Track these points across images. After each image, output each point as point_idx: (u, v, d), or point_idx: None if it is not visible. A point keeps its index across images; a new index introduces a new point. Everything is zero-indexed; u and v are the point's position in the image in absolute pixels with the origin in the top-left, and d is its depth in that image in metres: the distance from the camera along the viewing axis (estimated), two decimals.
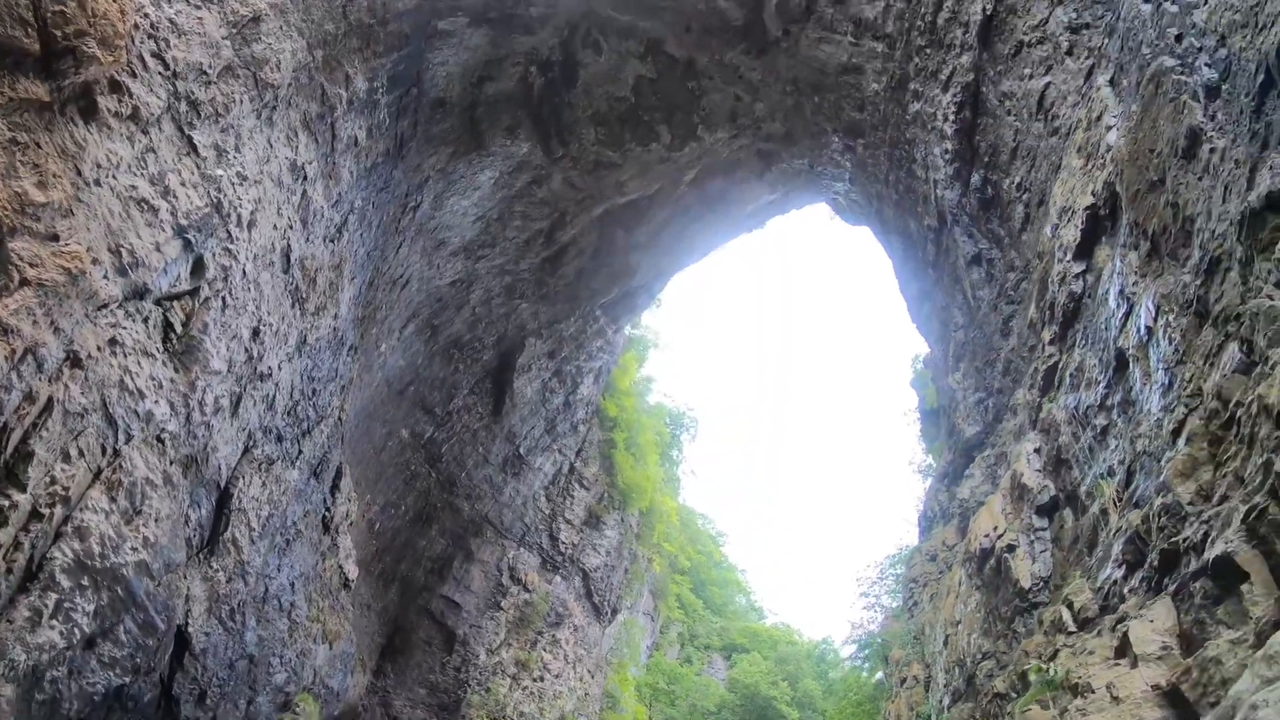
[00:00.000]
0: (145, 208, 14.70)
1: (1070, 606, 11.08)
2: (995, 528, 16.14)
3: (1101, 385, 12.33)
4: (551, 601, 47.12)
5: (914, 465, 44.50)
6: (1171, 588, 7.83)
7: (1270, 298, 7.12)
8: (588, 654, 50.21)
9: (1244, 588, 6.28)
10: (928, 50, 23.54)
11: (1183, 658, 7.24)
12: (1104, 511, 11.40)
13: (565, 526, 48.49)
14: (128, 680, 16.56)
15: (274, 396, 22.07)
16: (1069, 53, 17.13)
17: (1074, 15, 16.96)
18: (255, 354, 19.90)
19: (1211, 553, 6.76)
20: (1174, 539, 8.09)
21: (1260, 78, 7.74)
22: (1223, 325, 8.25)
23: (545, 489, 47.30)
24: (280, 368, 21.88)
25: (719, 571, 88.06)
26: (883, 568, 38.51)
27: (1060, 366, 15.01)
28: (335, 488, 30.21)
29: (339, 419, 28.87)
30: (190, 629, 19.92)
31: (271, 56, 17.94)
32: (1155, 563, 8.50)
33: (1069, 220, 15.16)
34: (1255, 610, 6.10)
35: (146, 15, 13.97)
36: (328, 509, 29.78)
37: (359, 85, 22.22)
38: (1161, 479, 8.58)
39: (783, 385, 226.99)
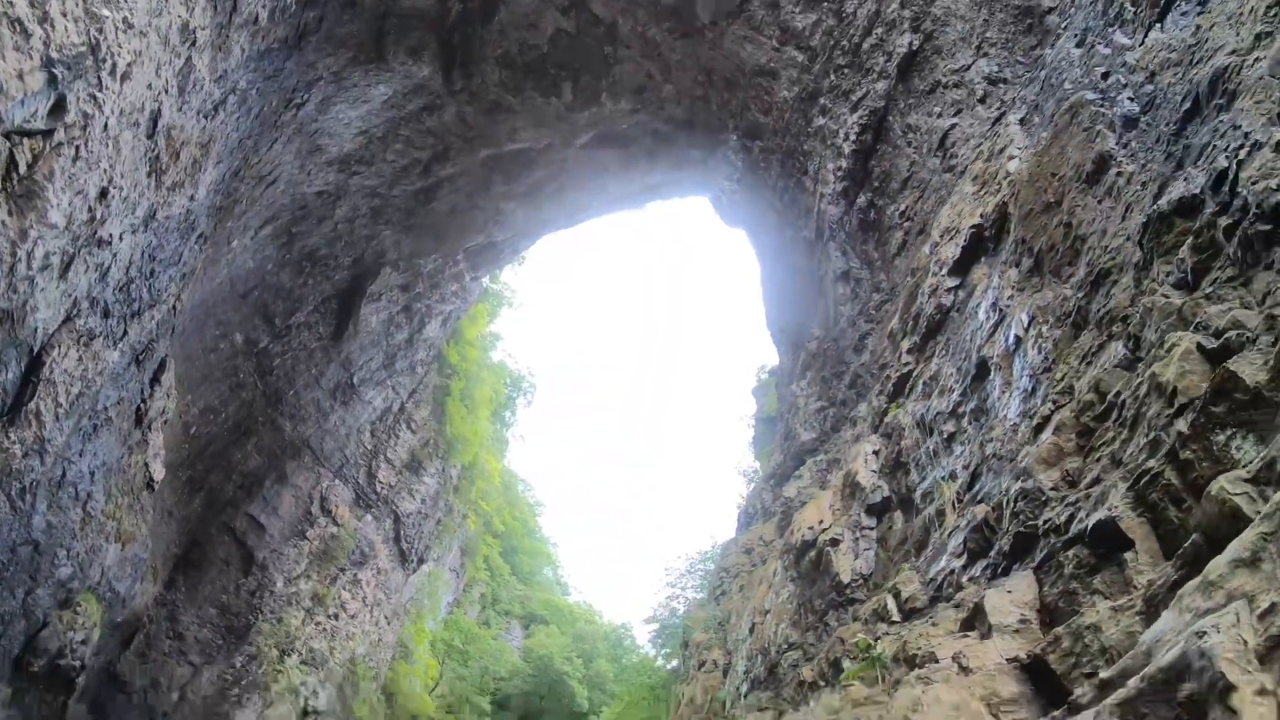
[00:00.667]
0: (18, 29, 13.52)
1: (897, 596, 11.18)
2: (821, 521, 16.37)
3: (956, 393, 12.72)
4: (359, 539, 46.09)
5: (741, 470, 45.75)
6: (1034, 563, 7.79)
7: (1165, 295, 7.38)
8: (387, 599, 49.40)
9: (1127, 556, 6.21)
10: (846, 70, 24.00)
11: (1043, 632, 7.15)
12: (940, 513, 11.68)
13: (385, 466, 47.49)
14: None
15: (109, 267, 20.58)
16: (981, 100, 17.84)
17: (995, 69, 17.66)
18: (99, 216, 18.49)
19: (1091, 520, 6.67)
20: (1031, 523, 8.12)
21: (1186, 105, 8.11)
22: (1106, 326, 8.55)
23: (372, 424, 46.15)
24: (122, 238, 20.40)
25: (531, 540, 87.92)
26: (693, 562, 39.19)
27: (914, 375, 15.50)
28: (156, 380, 28.53)
29: (173, 308, 27.25)
30: None
31: None
32: (1006, 548, 8.50)
33: (950, 239, 15.74)
34: (1141, 578, 6.01)
35: None
36: (143, 401, 28.10)
37: None
38: (1023, 466, 8.66)
39: (628, 371, 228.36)
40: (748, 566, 25.94)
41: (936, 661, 7.81)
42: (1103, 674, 5.36)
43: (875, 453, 15.86)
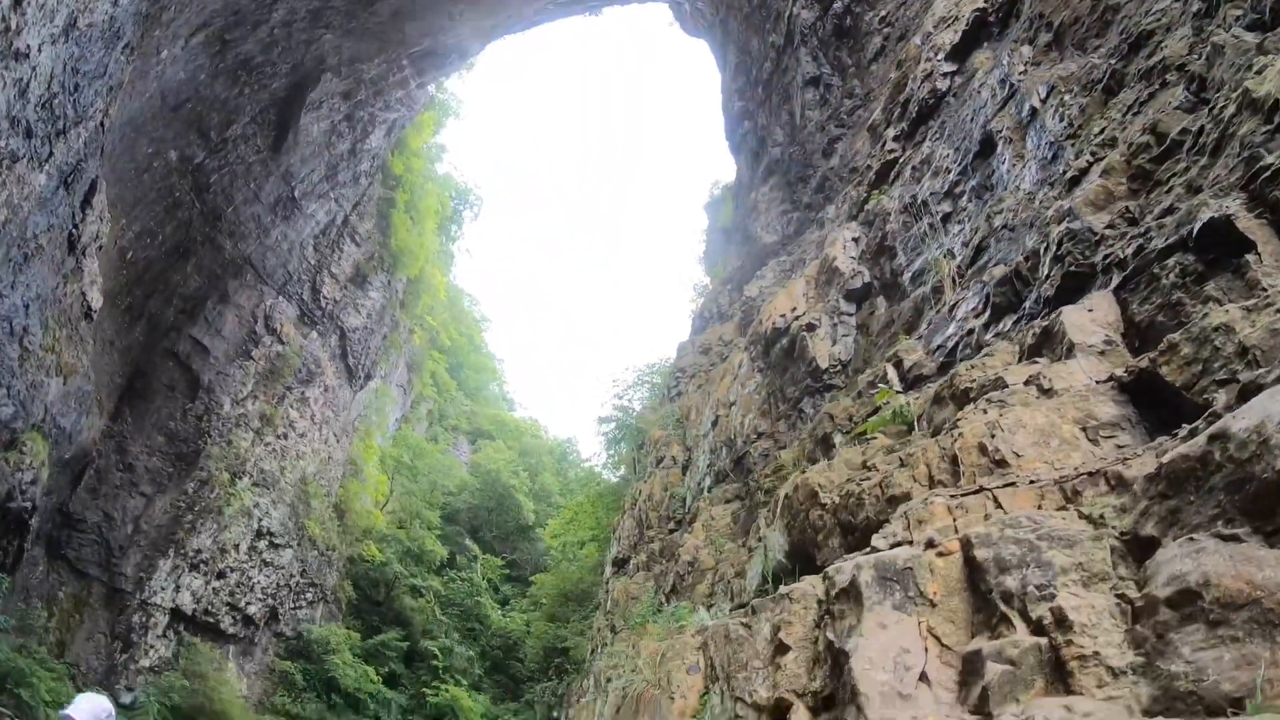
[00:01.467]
0: None
1: (899, 365, 10.46)
2: (794, 309, 15.61)
3: (954, 173, 11.98)
4: (305, 357, 45.12)
5: (693, 284, 45.35)
6: (1109, 287, 6.90)
7: (1237, 36, 6.61)
8: (335, 417, 48.90)
9: (1248, 258, 5.49)
10: None
11: (1131, 355, 6.34)
12: (937, 289, 11.02)
13: (329, 281, 46.06)
14: None
15: (29, 82, 18.64)
16: None
17: None
18: (13, 25, 16.58)
19: (1197, 224, 5.90)
20: (1087, 261, 7.38)
21: None
22: (1157, 76, 7.91)
23: (315, 238, 44.39)
24: (41, 50, 18.41)
25: (477, 356, 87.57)
26: (641, 374, 38.98)
27: (901, 162, 14.70)
28: (87, 203, 26.62)
29: (101, 125, 25.09)
30: None
31: None
32: (1049, 293, 7.68)
33: (948, 26, 14.77)
34: (1270, 279, 5.32)
35: None
36: (75, 226, 26.27)
37: None
38: (1067, 208, 7.85)
39: (579, 185, 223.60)
40: (705, 366, 25.39)
41: (1005, 387, 6.85)
42: (1244, 377, 4.76)
43: (855, 240, 15.08)
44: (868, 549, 6.27)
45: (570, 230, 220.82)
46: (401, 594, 52.95)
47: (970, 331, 9.27)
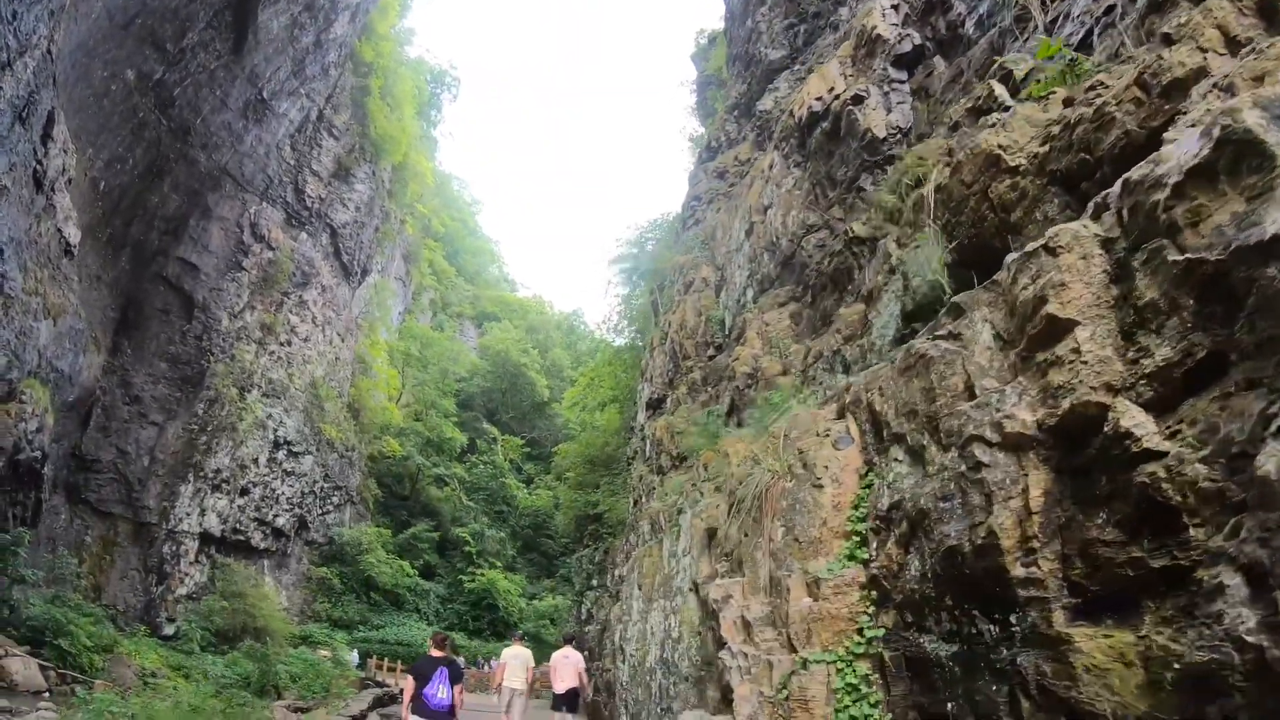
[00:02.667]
0: None
1: (1006, 79, 8.82)
2: (832, 89, 14.64)
3: None
4: (297, 260, 44.65)
5: (688, 136, 44.55)
6: None
7: None
8: (337, 316, 48.64)
9: None
10: None
11: None
12: (1020, 18, 9.77)
13: (312, 179, 45.17)
14: None
15: None
16: None
17: None
18: None
19: None
20: None
21: None
22: None
23: (291, 138, 43.28)
24: None
25: (473, 240, 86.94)
26: (643, 231, 38.41)
27: None
28: (47, 137, 25.77)
29: (48, 52, 24.03)
30: None
31: None
32: None
33: None
34: None
35: None
36: (39, 162, 25.49)
37: None
38: None
39: (558, 58, 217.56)
40: (723, 189, 24.83)
41: None
42: None
43: (894, 6, 13.98)
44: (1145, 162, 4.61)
45: (554, 104, 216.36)
46: (426, 485, 53.72)
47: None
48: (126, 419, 35.43)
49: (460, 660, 19.82)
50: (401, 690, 30.80)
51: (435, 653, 11.48)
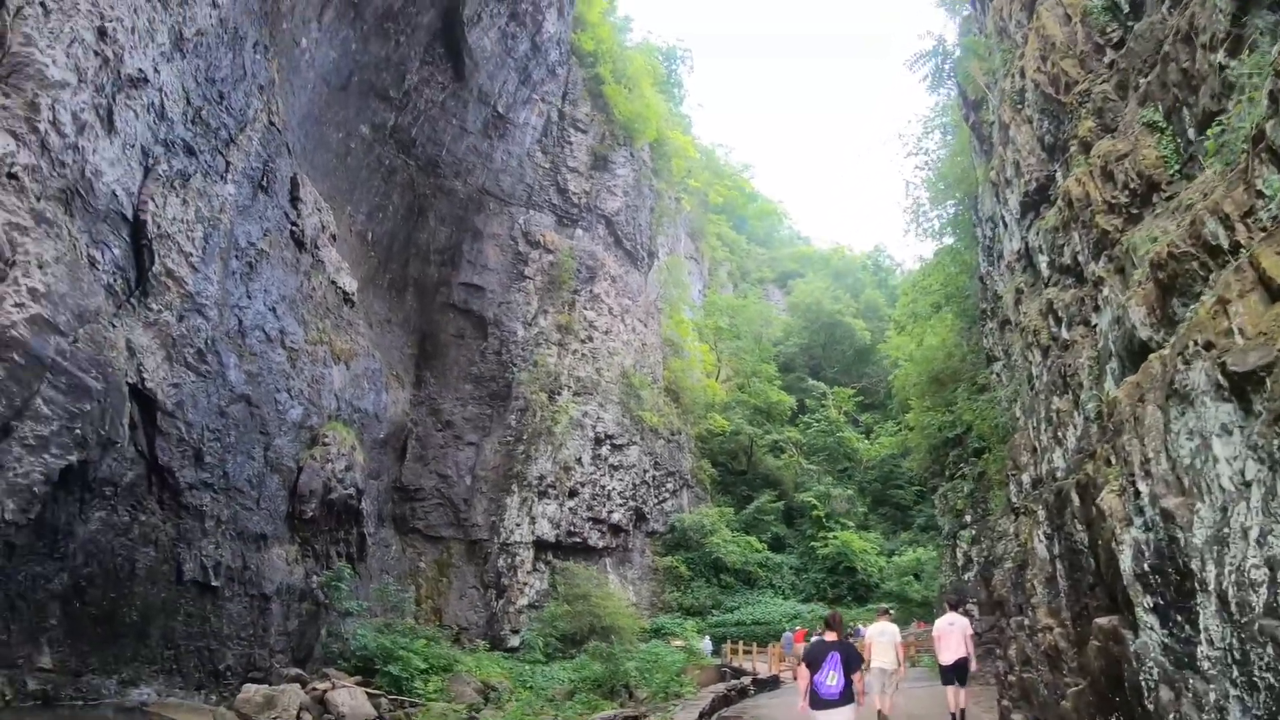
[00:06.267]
0: None
1: None
2: None
3: None
4: (578, 256, 47.04)
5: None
6: None
7: None
8: (633, 303, 50.43)
9: None
10: None
11: None
12: None
13: (572, 176, 47.59)
14: (75, 459, 16.17)
15: (162, 104, 20.56)
16: None
17: None
18: (111, 56, 18.23)
19: None
20: None
21: None
22: None
23: (539, 142, 45.98)
24: (158, 70, 20.22)
25: (754, 204, 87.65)
26: (926, 120, 36.86)
27: None
28: (296, 199, 29.16)
29: (271, 123, 27.32)
30: (148, 384, 19.67)
31: None
32: None
33: None
34: None
35: None
36: (294, 224, 28.88)
37: None
38: None
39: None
40: None
41: None
42: None
43: None
44: None
45: (785, 44, 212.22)
46: (762, 455, 54.34)
47: None
48: (442, 444, 39.13)
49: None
50: (754, 677, 31.22)
51: (828, 636, 10.66)
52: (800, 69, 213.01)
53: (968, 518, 28.36)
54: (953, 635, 15.13)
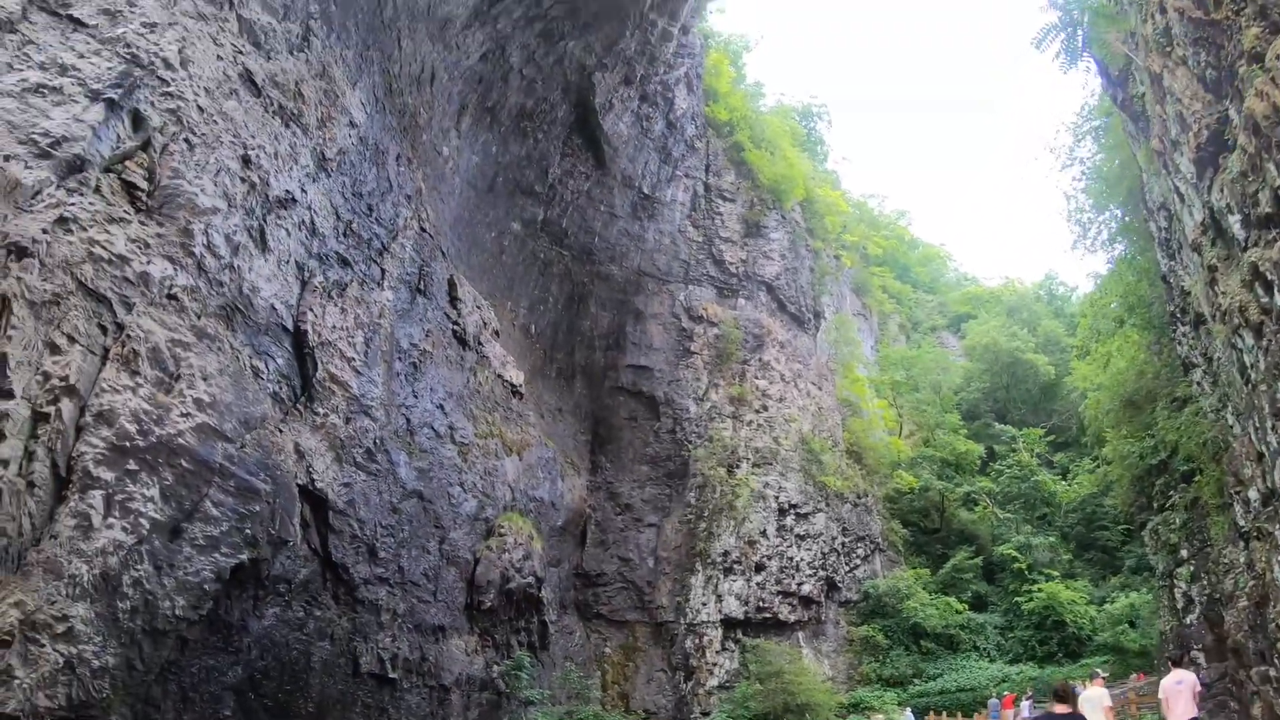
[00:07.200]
0: (46, 91, 15.13)
1: None
2: None
3: None
4: (743, 326, 47.05)
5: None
6: None
7: None
8: (805, 366, 49.98)
9: None
10: None
11: None
12: None
13: (726, 245, 47.93)
14: (246, 557, 17.10)
15: (313, 221, 21.94)
16: None
17: None
18: (258, 180, 19.62)
19: None
20: None
21: None
22: None
23: (688, 217, 46.68)
24: (305, 190, 21.64)
25: (916, 251, 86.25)
26: (1075, 128, 35.78)
27: None
28: (454, 300, 30.42)
29: (422, 230, 28.70)
30: (319, 485, 20.70)
31: None
32: None
33: None
34: None
35: None
36: (455, 323, 30.09)
37: None
38: None
39: (904, 37, 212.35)
40: None
41: None
42: None
43: None
44: None
45: (916, 88, 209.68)
46: (954, 510, 52.44)
47: None
48: (622, 527, 39.45)
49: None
50: None
51: (1057, 709, 9.66)
52: (940, 116, 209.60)
53: (1184, 552, 26.07)
54: (1181, 696, 14.12)
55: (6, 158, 13.97)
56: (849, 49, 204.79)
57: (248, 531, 17.07)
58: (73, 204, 14.75)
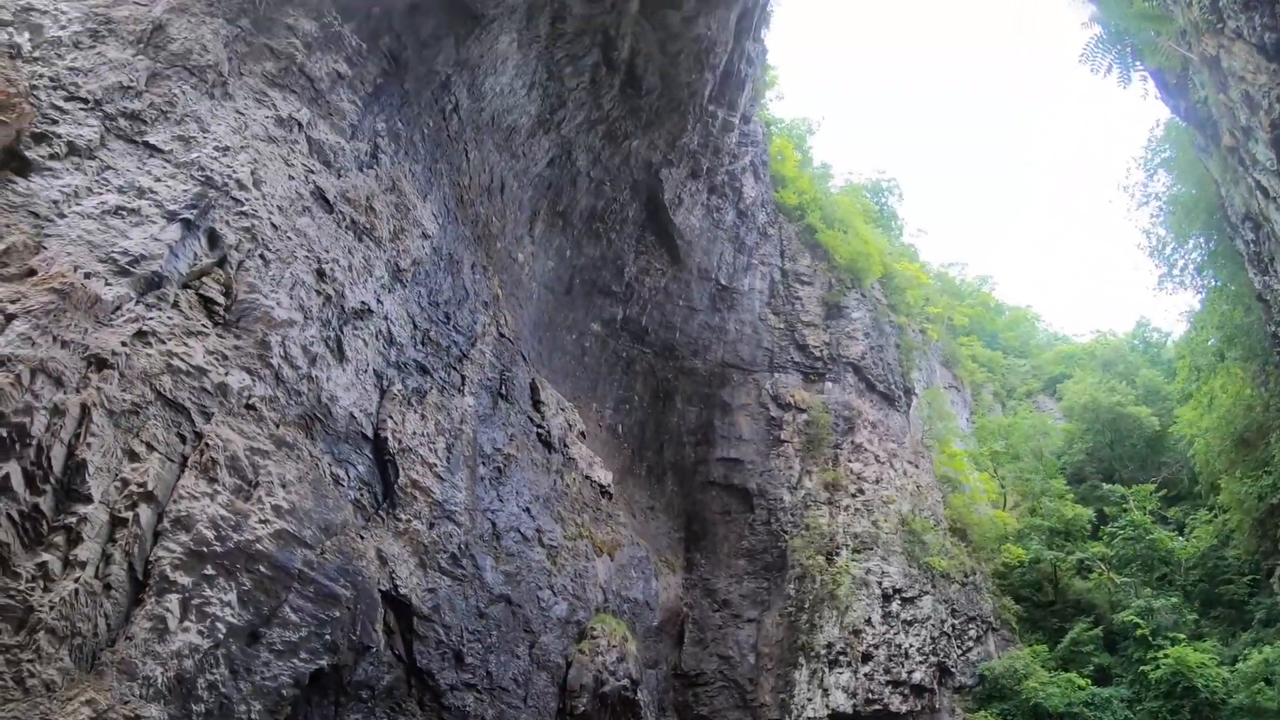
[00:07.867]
0: (124, 213, 15.85)
1: None
2: None
3: None
4: (833, 409, 46.31)
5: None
6: None
7: None
8: (899, 445, 49.06)
9: None
10: None
11: None
12: None
13: (808, 330, 47.59)
14: (325, 663, 17.11)
15: (390, 330, 22.39)
16: None
17: None
18: (333, 293, 20.16)
19: None
20: None
21: None
22: None
23: (767, 305, 46.60)
24: (380, 300, 22.13)
25: (1002, 316, 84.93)
26: (1145, 161, 35.17)
27: None
28: (538, 403, 30.60)
29: (501, 335, 29.05)
30: (402, 590, 20.68)
31: (193, 46, 18.81)
32: None
33: None
34: None
35: (41, 74, 15.95)
36: (539, 426, 30.20)
37: (306, 27, 21.74)
38: None
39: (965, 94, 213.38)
40: None
41: None
42: None
43: None
44: None
45: (988, 149, 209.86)
46: (1068, 579, 50.43)
47: None
48: (720, 625, 38.49)
49: None
50: None
51: None
52: (1011, 168, 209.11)
53: None
54: None
55: (87, 275, 14.53)
56: (909, 115, 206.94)
57: (328, 637, 17.11)
58: (151, 318, 15.27)
